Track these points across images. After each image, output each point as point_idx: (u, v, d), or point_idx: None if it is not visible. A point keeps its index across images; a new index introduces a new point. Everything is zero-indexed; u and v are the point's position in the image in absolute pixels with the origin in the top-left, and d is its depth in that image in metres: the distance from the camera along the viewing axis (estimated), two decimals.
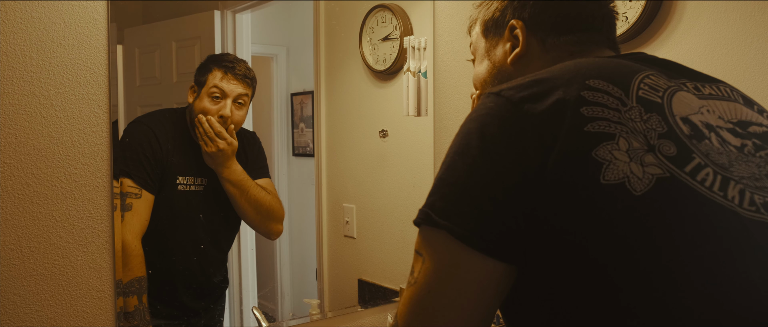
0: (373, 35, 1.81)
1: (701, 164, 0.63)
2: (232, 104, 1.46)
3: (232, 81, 1.47)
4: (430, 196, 0.68)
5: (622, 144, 0.62)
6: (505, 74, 0.88)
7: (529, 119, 0.64)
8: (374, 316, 1.71)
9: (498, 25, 0.90)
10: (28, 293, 1.12)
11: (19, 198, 1.11)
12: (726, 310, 0.57)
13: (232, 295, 1.61)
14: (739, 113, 0.74)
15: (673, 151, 0.63)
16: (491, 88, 0.71)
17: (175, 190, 1.43)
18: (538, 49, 0.85)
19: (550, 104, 0.65)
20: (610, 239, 0.59)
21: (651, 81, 0.71)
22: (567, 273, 0.61)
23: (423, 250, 0.67)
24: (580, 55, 0.83)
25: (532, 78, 0.69)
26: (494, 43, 0.91)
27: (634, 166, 0.61)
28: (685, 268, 0.58)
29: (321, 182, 1.81)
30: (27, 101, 1.11)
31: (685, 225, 0.60)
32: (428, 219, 0.66)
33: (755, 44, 1.24)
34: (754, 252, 0.60)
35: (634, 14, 1.37)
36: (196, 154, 1.47)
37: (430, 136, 1.81)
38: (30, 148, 1.12)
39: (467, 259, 0.63)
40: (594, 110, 0.64)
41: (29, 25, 1.11)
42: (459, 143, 0.68)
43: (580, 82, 0.67)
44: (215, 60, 1.49)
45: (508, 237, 0.62)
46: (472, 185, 0.64)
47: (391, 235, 1.83)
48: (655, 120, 0.66)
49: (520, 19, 0.86)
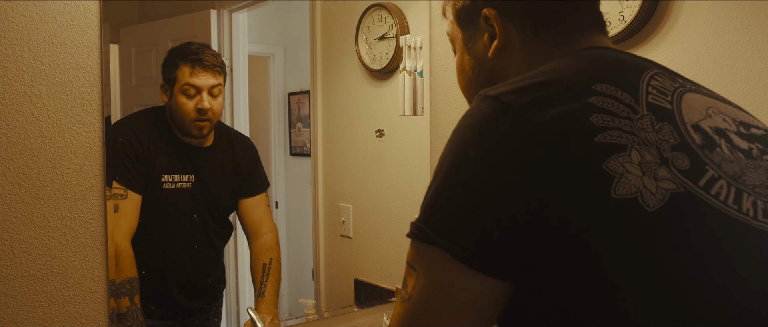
0: (370, 34, 1.81)
1: (715, 177, 0.61)
2: (208, 96, 1.44)
3: (202, 73, 1.44)
4: (425, 209, 0.64)
5: (635, 156, 0.59)
6: (487, 69, 0.83)
7: (533, 128, 0.60)
8: (370, 316, 1.70)
9: (471, 15, 0.83)
10: (21, 294, 1.12)
11: (11, 199, 1.10)
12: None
13: (228, 296, 1.61)
14: (739, 115, 0.72)
15: (686, 165, 0.61)
16: (486, 91, 0.67)
17: (161, 189, 1.42)
18: (518, 37, 0.79)
19: (557, 113, 0.61)
20: (622, 256, 0.57)
21: (658, 82, 0.69)
22: (574, 288, 0.58)
23: (417, 265, 0.64)
24: (566, 44, 0.77)
25: (531, 80, 0.65)
26: (471, 35, 0.84)
27: (647, 180, 0.58)
28: (698, 288, 0.56)
29: (318, 182, 1.81)
30: (19, 101, 1.10)
31: (701, 242, 0.58)
32: (424, 236, 0.62)
33: (752, 44, 1.23)
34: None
35: (630, 13, 1.37)
36: (179, 152, 1.46)
37: (426, 136, 1.81)
38: (22, 149, 1.11)
39: (465, 279, 0.60)
40: (604, 119, 0.61)
41: (21, 24, 1.10)
42: (455, 153, 0.64)
43: (586, 86, 0.64)
44: (179, 54, 1.45)
45: (509, 255, 0.60)
46: (471, 201, 0.61)
47: (387, 235, 1.83)
48: (667, 130, 0.63)
49: (492, 7, 0.79)
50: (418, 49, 1.67)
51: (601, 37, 0.80)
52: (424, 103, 1.75)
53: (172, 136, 1.45)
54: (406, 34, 1.76)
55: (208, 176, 1.50)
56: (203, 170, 1.49)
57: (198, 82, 1.43)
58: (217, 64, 1.47)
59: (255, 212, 1.60)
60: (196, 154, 1.49)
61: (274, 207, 1.72)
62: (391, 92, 1.78)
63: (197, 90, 1.43)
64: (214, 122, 1.49)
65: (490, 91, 0.66)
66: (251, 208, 1.59)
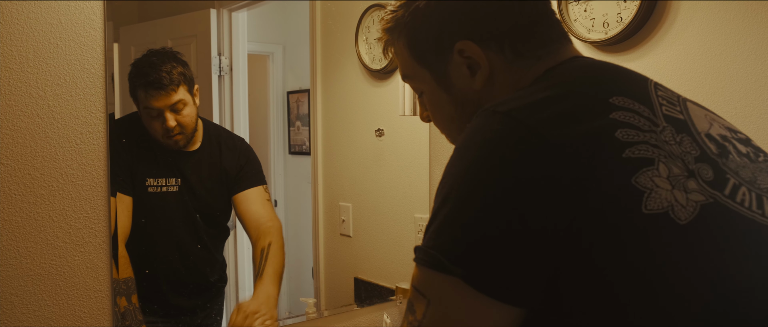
0: (369, 34, 1.82)
1: (737, 184, 0.62)
2: (170, 114, 1.40)
3: (156, 94, 1.38)
4: (437, 235, 0.61)
5: (663, 170, 0.59)
6: (473, 101, 0.78)
7: (558, 147, 0.58)
8: (370, 314, 1.72)
9: (436, 51, 0.78)
10: (26, 293, 1.13)
11: (17, 199, 1.11)
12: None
13: (229, 295, 1.62)
14: (722, 121, 0.74)
15: (710, 175, 0.61)
16: (492, 106, 0.63)
17: (146, 193, 1.41)
18: (499, 61, 0.75)
19: (583, 130, 0.59)
20: (659, 268, 0.56)
21: (663, 92, 0.69)
22: (601, 308, 0.57)
23: (428, 291, 0.61)
24: (547, 56, 0.75)
25: (541, 94, 0.64)
26: (442, 71, 0.79)
27: (678, 193, 0.58)
28: (742, 294, 0.57)
29: (317, 181, 1.82)
30: (24, 102, 1.11)
31: (737, 249, 0.58)
32: (438, 263, 0.59)
33: (750, 45, 1.25)
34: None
35: (628, 15, 1.38)
36: (165, 156, 1.45)
37: (426, 136, 1.82)
38: (27, 149, 1.12)
39: (481, 307, 0.58)
40: (629, 134, 0.60)
41: (26, 27, 1.11)
42: (468, 175, 0.60)
43: (603, 99, 0.63)
44: (135, 74, 1.37)
45: (531, 282, 0.58)
46: (488, 227, 0.57)
47: (387, 234, 1.84)
48: (688, 142, 0.63)
49: (466, 39, 0.75)
50: None
51: (573, 47, 0.79)
52: None
53: (154, 140, 1.43)
54: None
55: (194, 179, 1.49)
56: (189, 173, 1.48)
57: (155, 105, 1.38)
58: (174, 81, 1.39)
59: (251, 207, 1.57)
60: (182, 158, 1.48)
61: (273, 205, 1.72)
62: (390, 92, 1.79)
63: (158, 111, 1.39)
64: (189, 133, 1.45)
65: (496, 106, 0.63)
66: (247, 203, 1.57)
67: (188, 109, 1.42)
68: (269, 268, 1.53)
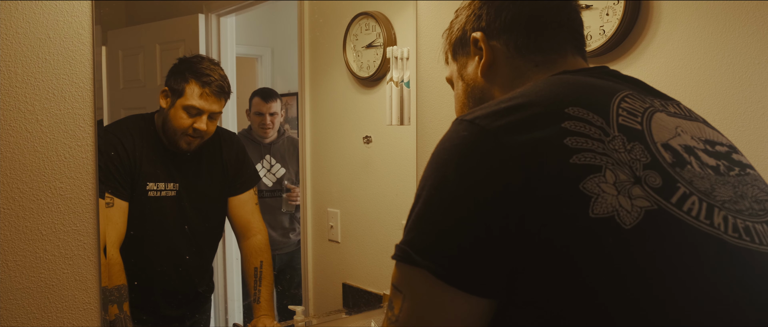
0: (357, 42, 1.83)
1: (686, 193, 0.64)
2: (207, 119, 1.45)
3: (210, 99, 1.44)
4: (408, 232, 0.67)
5: (609, 176, 0.62)
6: (479, 89, 0.87)
7: (509, 151, 0.62)
8: (359, 321, 1.73)
9: (463, 44, 0.89)
10: (15, 307, 1.13)
11: (5, 213, 1.12)
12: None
13: (216, 304, 1.62)
14: (704, 132, 0.76)
15: (658, 183, 0.64)
16: (463, 115, 0.69)
17: (146, 197, 1.42)
18: (503, 53, 0.84)
19: (531, 137, 0.63)
20: (604, 270, 0.59)
21: (628, 104, 0.71)
22: (559, 300, 0.60)
23: (403, 287, 0.66)
24: (544, 65, 0.82)
25: (505, 104, 0.68)
26: (464, 63, 0.90)
27: (623, 199, 0.61)
28: (676, 300, 0.59)
29: (306, 186, 1.83)
30: (13, 117, 1.12)
31: (676, 256, 0.61)
32: (407, 257, 0.64)
33: (727, 59, 1.28)
34: (740, 279, 0.62)
35: (610, 28, 1.40)
36: (165, 160, 1.46)
37: (413, 144, 1.84)
38: (15, 164, 1.13)
39: (449, 298, 0.62)
40: (578, 141, 0.64)
41: (15, 41, 1.11)
42: (435, 175, 0.66)
43: (559, 109, 0.67)
44: (192, 69, 1.44)
45: (491, 272, 0.62)
46: (451, 222, 0.63)
47: (375, 240, 1.85)
48: (639, 150, 0.66)
49: (479, 30, 0.85)
50: (405, 59, 1.69)
51: (578, 59, 0.84)
52: (411, 113, 1.78)
53: (159, 144, 1.44)
54: (394, 44, 1.78)
55: (193, 183, 1.50)
56: (189, 177, 1.49)
57: (204, 106, 1.43)
58: (225, 90, 1.47)
59: (243, 210, 1.60)
60: (182, 162, 1.49)
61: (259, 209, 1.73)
62: (378, 99, 1.80)
63: (199, 112, 1.43)
64: (204, 141, 1.49)
65: (466, 115, 0.68)
66: (240, 206, 1.59)
67: (217, 120, 1.49)
68: (265, 291, 1.59)
